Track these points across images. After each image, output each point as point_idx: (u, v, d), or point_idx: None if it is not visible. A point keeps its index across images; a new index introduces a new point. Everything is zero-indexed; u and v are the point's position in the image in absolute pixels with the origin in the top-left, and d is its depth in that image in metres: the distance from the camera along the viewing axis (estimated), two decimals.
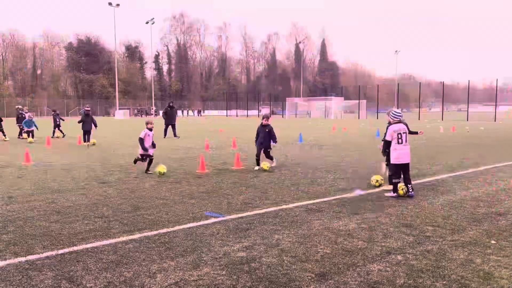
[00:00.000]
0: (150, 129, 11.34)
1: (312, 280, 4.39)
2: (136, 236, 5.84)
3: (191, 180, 10.25)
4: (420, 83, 72.10)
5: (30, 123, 22.94)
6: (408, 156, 8.29)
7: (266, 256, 5.07)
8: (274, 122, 13.02)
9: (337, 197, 8.34)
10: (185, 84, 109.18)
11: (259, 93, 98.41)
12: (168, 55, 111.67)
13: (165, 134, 23.71)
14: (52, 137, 23.21)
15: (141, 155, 11.34)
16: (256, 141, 12.15)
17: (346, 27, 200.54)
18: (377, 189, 8.94)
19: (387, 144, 8.37)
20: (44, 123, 35.62)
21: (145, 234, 5.93)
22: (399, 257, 5.02)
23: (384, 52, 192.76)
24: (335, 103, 70.32)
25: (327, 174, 11.05)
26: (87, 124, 20.21)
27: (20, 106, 28.04)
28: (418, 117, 58.23)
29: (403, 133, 8.25)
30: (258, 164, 11.90)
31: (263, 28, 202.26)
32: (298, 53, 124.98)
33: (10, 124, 27.30)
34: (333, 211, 7.19)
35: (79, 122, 20.79)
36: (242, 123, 46.18)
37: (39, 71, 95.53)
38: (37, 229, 6.18)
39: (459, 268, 4.68)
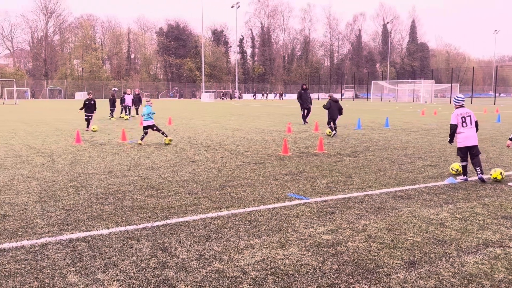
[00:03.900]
0: None
1: (402, 267, 4.25)
2: (224, 213, 6.06)
3: (274, 162, 10.37)
4: None
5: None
6: (474, 139, 8.34)
7: (352, 240, 5.00)
8: (357, 106, 12.60)
9: (428, 184, 7.95)
10: (268, 67, 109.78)
11: (342, 76, 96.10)
12: (252, 38, 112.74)
13: (304, 120, 21.83)
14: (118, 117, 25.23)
15: None
16: None
17: (439, 5, 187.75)
18: (472, 178, 8.38)
19: (453, 128, 8.41)
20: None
21: (232, 211, 6.13)
22: (498, 251, 4.68)
23: (480, 32, 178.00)
24: (425, 87, 66.54)
25: (417, 161, 10.56)
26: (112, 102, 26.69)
27: (116, 89, 30.13)
28: None
29: (467, 116, 8.37)
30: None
31: (348, 9, 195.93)
32: (385, 34, 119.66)
33: (105, 105, 29.27)
34: (423, 199, 6.88)
35: (121, 101, 26.43)
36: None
37: (132, 55, 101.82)
38: (134, 202, 6.66)
39: None
